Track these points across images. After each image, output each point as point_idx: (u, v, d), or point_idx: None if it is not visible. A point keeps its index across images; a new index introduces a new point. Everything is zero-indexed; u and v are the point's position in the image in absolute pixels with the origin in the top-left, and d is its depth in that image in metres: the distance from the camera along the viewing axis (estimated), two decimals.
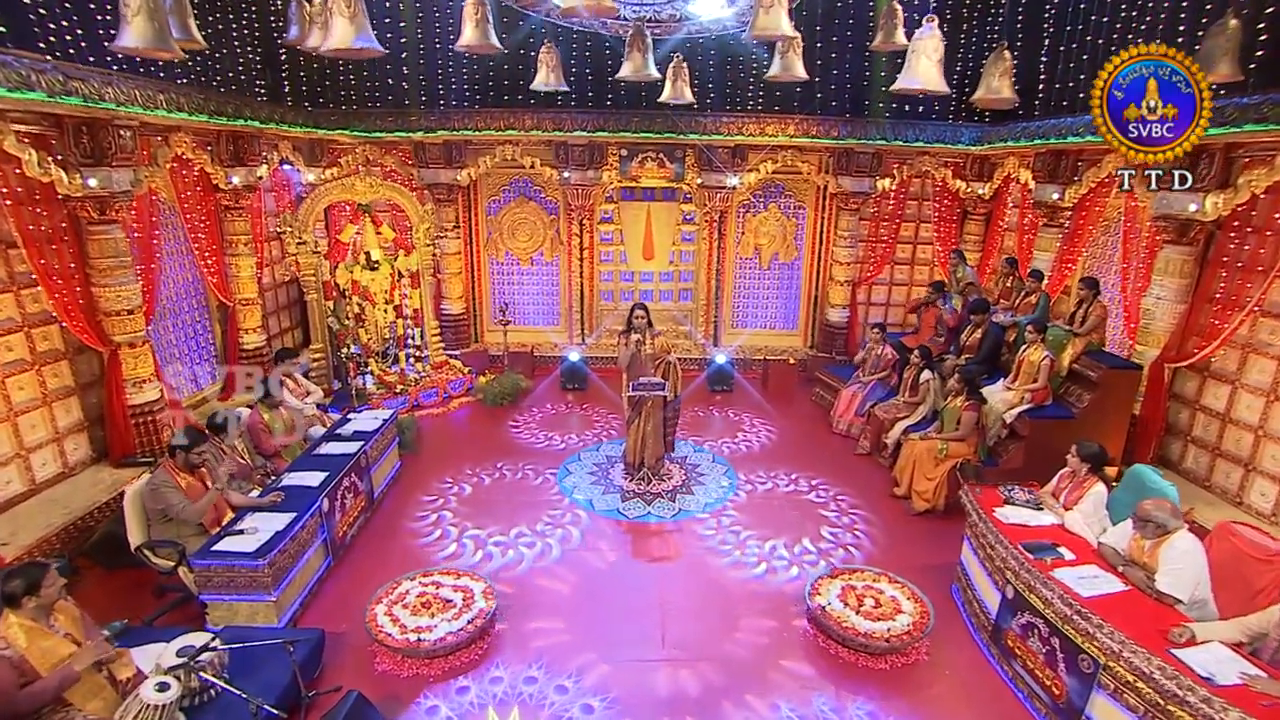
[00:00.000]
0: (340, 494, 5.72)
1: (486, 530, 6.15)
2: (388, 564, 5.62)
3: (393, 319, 9.14)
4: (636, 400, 6.84)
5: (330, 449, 6.21)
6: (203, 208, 7.61)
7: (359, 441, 6.34)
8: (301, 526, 5.06)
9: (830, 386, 9.20)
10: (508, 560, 5.73)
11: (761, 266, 10.73)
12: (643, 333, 6.80)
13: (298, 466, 5.88)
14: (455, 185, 9.92)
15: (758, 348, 10.85)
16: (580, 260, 10.54)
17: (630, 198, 10.43)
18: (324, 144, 9.55)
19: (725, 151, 9.69)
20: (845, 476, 7.27)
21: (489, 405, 8.97)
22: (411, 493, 6.82)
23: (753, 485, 7.09)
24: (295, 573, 4.95)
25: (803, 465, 7.50)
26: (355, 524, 6.03)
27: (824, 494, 6.92)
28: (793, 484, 7.14)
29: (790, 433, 8.53)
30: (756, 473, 7.33)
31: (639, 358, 6.81)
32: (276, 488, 5.44)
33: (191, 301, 7.84)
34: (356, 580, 5.40)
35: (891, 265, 10.74)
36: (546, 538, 6.07)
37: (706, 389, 9.80)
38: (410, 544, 5.98)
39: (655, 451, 7.01)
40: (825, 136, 9.43)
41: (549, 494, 6.87)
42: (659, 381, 6.60)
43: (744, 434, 8.44)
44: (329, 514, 5.48)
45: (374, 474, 6.51)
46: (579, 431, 8.35)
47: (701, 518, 6.50)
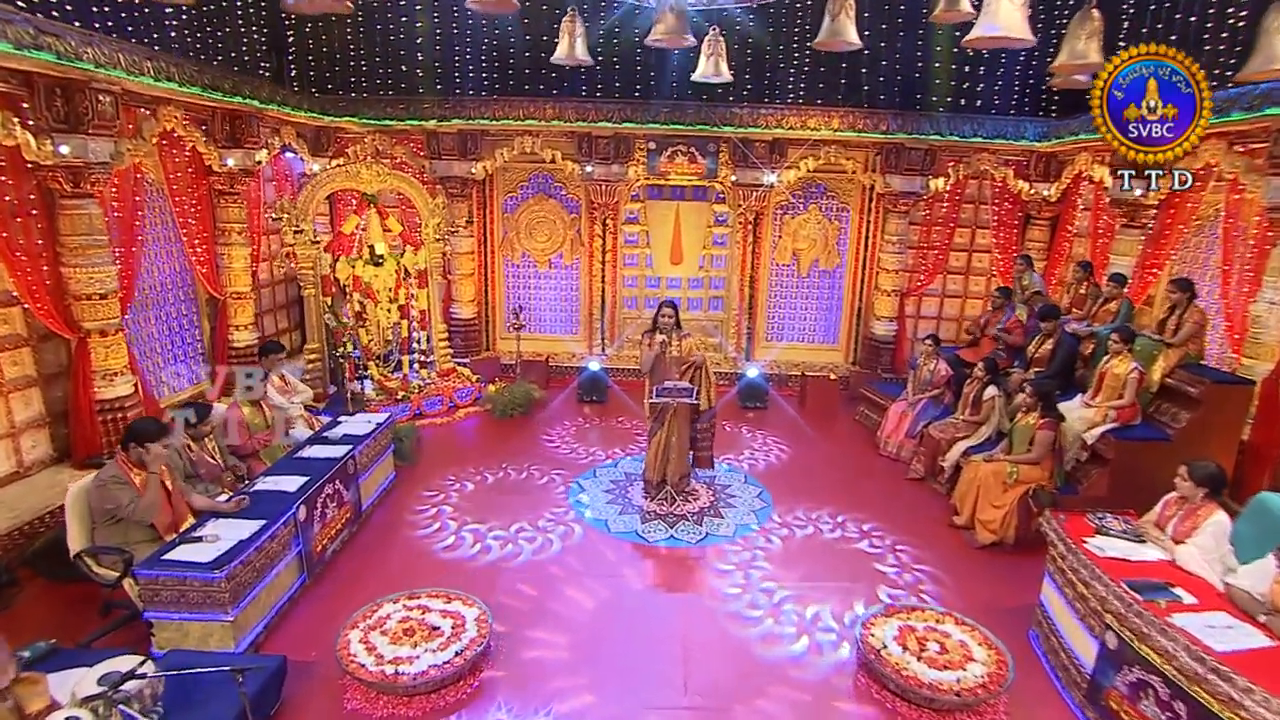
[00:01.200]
0: (321, 503, 5.23)
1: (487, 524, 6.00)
2: (373, 583, 5.11)
3: (396, 320, 8.74)
4: (660, 409, 6.31)
5: (314, 452, 5.76)
6: (194, 191, 7.30)
7: (347, 446, 5.88)
8: (270, 536, 4.56)
9: (876, 405, 8.59)
10: (505, 553, 5.64)
11: (800, 274, 10.24)
12: (669, 333, 6.28)
13: (276, 470, 5.44)
14: (470, 179, 9.60)
15: (794, 363, 10.32)
16: (602, 263, 10.14)
17: (658, 196, 10.03)
18: (330, 132, 9.28)
19: (762, 146, 9.27)
20: (896, 509, 6.57)
21: (498, 416, 8.53)
22: (406, 502, 6.42)
23: (789, 529, 6.12)
24: (260, 589, 4.44)
25: (848, 497, 6.74)
26: (338, 538, 5.54)
27: (879, 542, 5.93)
28: (839, 528, 6.17)
29: (831, 454, 7.95)
30: (795, 512, 6.40)
31: (664, 361, 6.28)
32: (247, 492, 4.97)
33: (178, 293, 7.51)
34: (335, 601, 4.90)
35: (944, 275, 10.14)
36: (548, 533, 5.94)
37: (738, 405, 9.28)
38: (404, 553, 5.53)
39: (679, 468, 6.46)
40: (873, 130, 8.94)
41: (554, 495, 6.62)
42: (686, 386, 6.06)
43: (780, 454, 7.86)
44: (305, 524, 4.99)
45: (363, 483, 6.05)
46: (596, 446, 7.86)
47: (730, 546, 5.89)
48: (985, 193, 9.70)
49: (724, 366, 10.06)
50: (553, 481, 6.92)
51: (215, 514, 4.65)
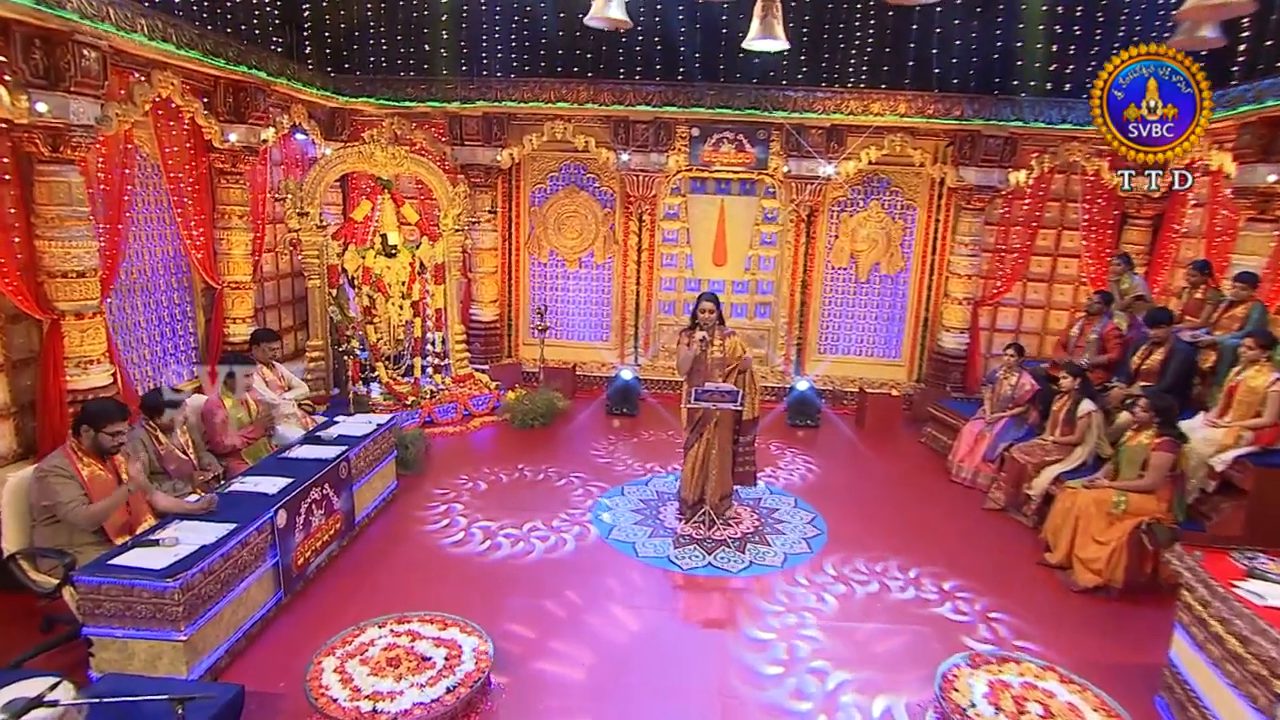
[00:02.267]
0: (305, 509, 4.81)
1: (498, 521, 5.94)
2: (362, 604, 4.66)
3: (409, 318, 8.40)
4: (698, 418, 5.80)
5: (303, 453, 5.37)
6: (192, 168, 7.06)
7: (342, 447, 5.48)
8: (240, 543, 4.14)
9: (946, 425, 7.95)
10: (516, 550, 5.56)
11: (858, 278, 9.72)
12: (710, 330, 5.79)
13: (256, 470, 5.05)
14: (494, 167, 9.31)
15: (850, 378, 9.73)
16: (637, 264, 9.75)
17: (701, 190, 9.63)
18: (345, 114, 9.08)
19: (819, 134, 8.80)
20: (975, 547, 5.91)
21: (517, 427, 8.15)
22: (407, 512, 6.08)
23: (847, 583, 5.19)
24: (224, 605, 4.00)
25: (916, 531, 6.08)
26: (325, 551, 5.10)
27: (967, 606, 4.93)
28: (911, 585, 5.19)
29: (895, 479, 7.34)
30: (853, 563, 5.49)
31: (703, 361, 5.80)
32: (219, 492, 4.57)
33: (171, 280, 7.25)
34: (315, 623, 4.46)
35: (1024, 283, 9.48)
36: (562, 532, 5.84)
37: (785, 423, 8.74)
38: (408, 553, 5.06)
39: (719, 486, 5.92)
40: (944, 116, 8.40)
41: (571, 496, 6.52)
42: (729, 389, 5.52)
43: (835, 477, 7.29)
44: (285, 532, 4.56)
45: (359, 491, 5.64)
46: (625, 463, 7.39)
47: (777, 578, 5.30)
48: (1074, 188, 9.04)
49: (771, 380, 9.54)
50: (572, 484, 6.61)
51: (181, 516, 4.25)
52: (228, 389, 5.32)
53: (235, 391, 5.35)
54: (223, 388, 5.31)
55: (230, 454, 5.26)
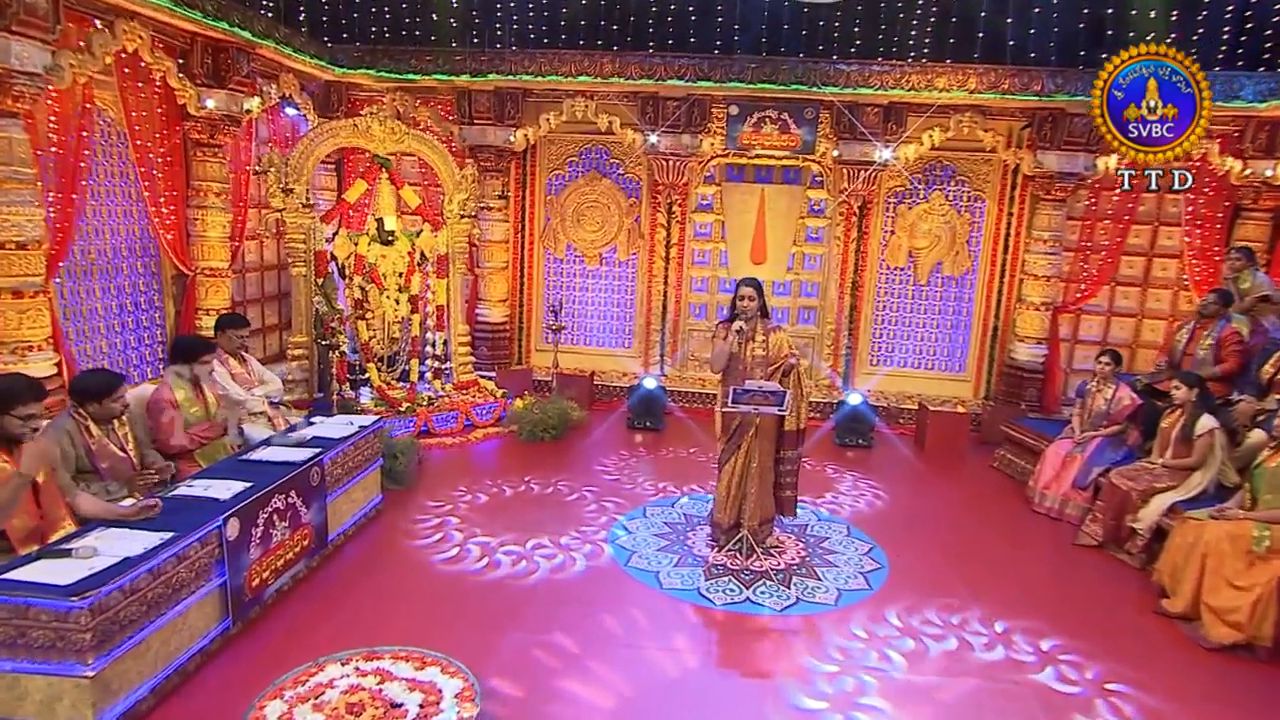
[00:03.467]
0: (264, 520, 4.30)
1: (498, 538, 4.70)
2: (328, 635, 4.13)
3: (406, 314, 7.97)
4: (736, 425, 5.24)
5: (268, 454, 4.88)
6: (163, 138, 6.69)
7: (314, 450, 4.98)
8: (176, 556, 3.62)
9: (1024, 447, 7.30)
10: (517, 570, 5.11)
11: (917, 280, 9.18)
12: (751, 322, 5.24)
13: (210, 472, 4.56)
14: (507, 150, 8.93)
15: (907, 394, 9.15)
16: (665, 261, 9.34)
17: (738, 178, 9.17)
18: (342, 88, 8.77)
19: (874, 113, 8.31)
20: (1069, 590, 5.26)
21: (524, 439, 7.66)
22: (396, 526, 5.60)
23: (917, 638, 4.47)
24: (150, 633, 3.46)
25: (996, 571, 5.43)
26: (289, 571, 4.59)
27: (1074, 671, 4.20)
28: (1000, 642, 4.45)
29: (964, 507, 6.73)
30: (923, 612, 4.76)
31: (742, 359, 5.25)
32: (161, 496, 4.07)
33: (136, 263, 6.86)
34: (267, 657, 3.93)
35: (1112, 287, 8.83)
36: (572, 551, 5.41)
37: (833, 442, 8.17)
38: (397, 566, 4.48)
39: (759, 508, 5.36)
40: (1022, 92, 7.85)
41: (584, 511, 6.08)
42: (774, 388, 4.94)
43: (894, 503, 6.68)
44: (237, 546, 4.04)
45: (334, 503, 5.14)
46: (647, 482, 6.84)
47: (830, 620, 4.67)
48: (1176, 176, 8.34)
49: (817, 394, 8.95)
50: (584, 499, 6.04)
51: (109, 523, 3.74)
52: (180, 378, 4.82)
53: (189, 382, 4.85)
54: (174, 376, 4.82)
55: (181, 455, 4.75)
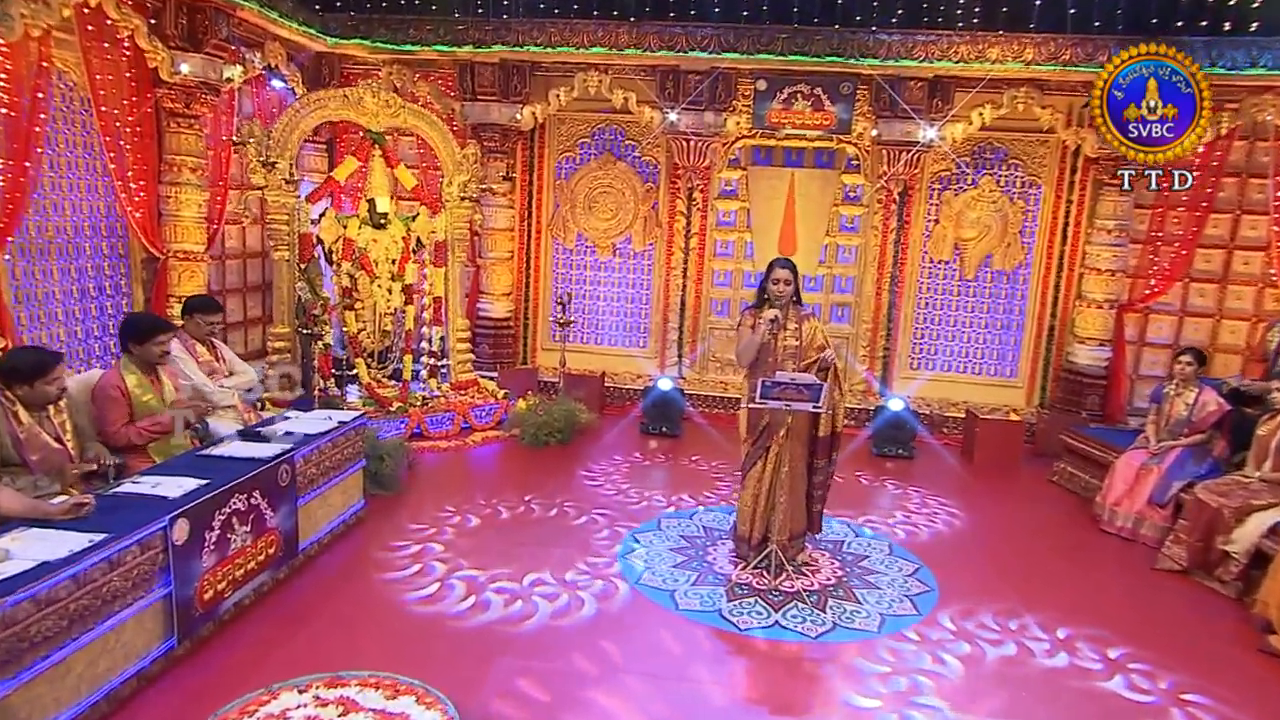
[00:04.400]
0: (222, 523, 3.95)
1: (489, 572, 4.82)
2: (289, 658, 3.78)
3: (399, 305, 7.69)
4: (764, 424, 4.89)
5: (231, 450, 4.55)
6: (133, 105, 6.43)
7: (285, 446, 4.64)
8: (107, 561, 3.27)
9: (1089, 459, 6.87)
10: (511, 612, 4.43)
11: (964, 275, 8.84)
12: (785, 309, 4.89)
13: (163, 469, 4.23)
14: (513, 129, 8.70)
15: (951, 400, 8.77)
16: (685, 252, 9.07)
17: (766, 161, 8.86)
18: (334, 60, 8.55)
19: (918, 88, 8.02)
20: (1154, 620, 4.81)
21: (527, 444, 7.36)
22: (374, 540, 5.21)
23: (972, 642, 4.35)
24: (72, 651, 3.10)
25: (1062, 593, 5.04)
26: (251, 583, 4.24)
27: (1144, 679, 4.06)
28: (1062, 648, 4.33)
29: (1022, 527, 6.30)
30: (979, 615, 4.63)
31: (772, 350, 4.89)
32: (101, 493, 3.73)
33: (101, 244, 6.60)
34: (217, 682, 3.59)
35: (1186, 283, 8.39)
36: (579, 589, 4.73)
37: (870, 451, 7.80)
38: (357, 601, 4.16)
39: (790, 521, 4.99)
40: (1085, 63, 7.47)
41: (593, 539, 5.48)
42: (809, 381, 4.55)
43: (943, 520, 6.26)
44: (186, 552, 3.69)
45: (306, 507, 4.80)
46: (662, 491, 6.48)
47: (874, 647, 4.25)
48: (1261, 159, 7.92)
49: (851, 400, 8.56)
50: (594, 523, 5.62)
51: (33, 521, 3.39)
52: (133, 362, 4.50)
53: (144, 367, 4.52)
54: (126, 359, 4.50)
55: (131, 449, 4.42)
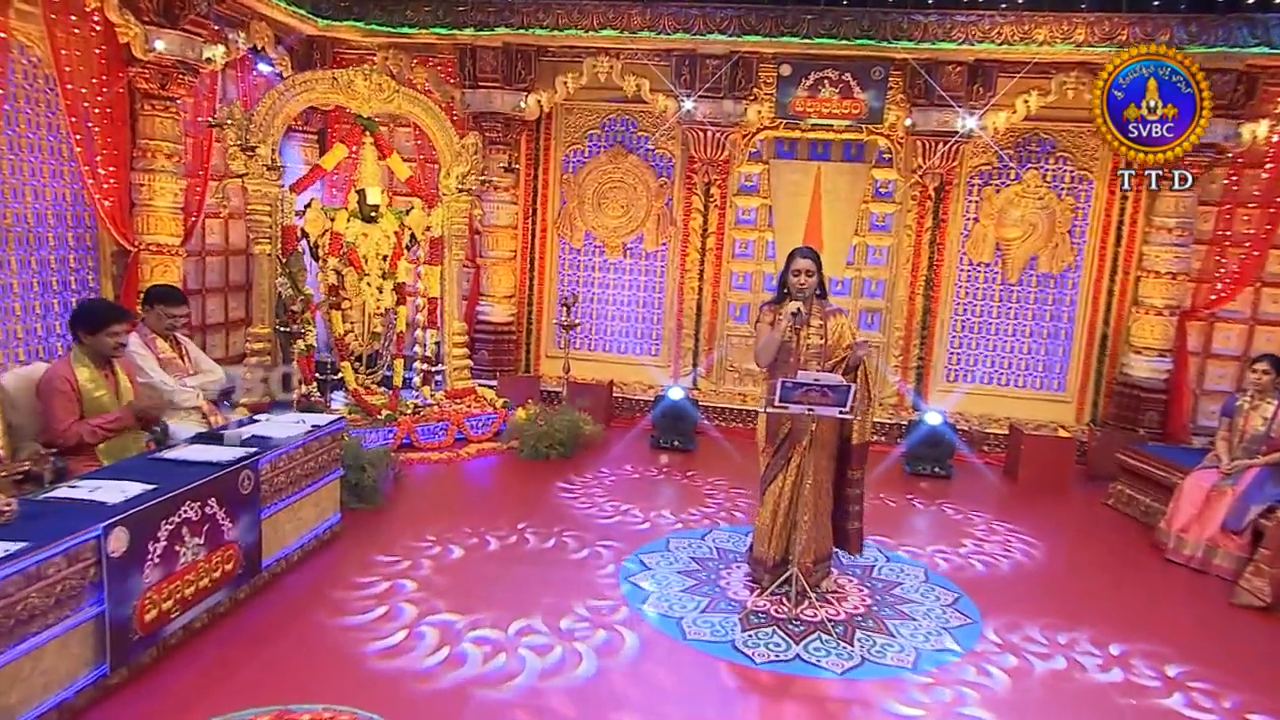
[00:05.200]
0: (169, 533, 3.67)
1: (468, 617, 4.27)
2: (241, 687, 3.52)
3: (390, 305, 7.47)
4: (785, 430, 4.62)
5: (187, 453, 4.27)
6: (102, 84, 6.20)
7: (249, 450, 4.37)
8: (23, 574, 2.99)
9: (1150, 480, 6.51)
10: (489, 669, 3.86)
11: (1006, 278, 8.53)
12: (808, 303, 4.62)
13: (109, 472, 3.96)
14: (517, 118, 8.49)
15: (993, 415, 8.46)
16: (701, 252, 8.84)
17: (789, 154, 8.63)
18: (326, 44, 8.38)
19: (957, 73, 7.74)
20: (1234, 658, 4.44)
21: (526, 457, 7.10)
22: (345, 566, 4.84)
23: (1020, 655, 4.25)
24: None
25: (1126, 629, 4.68)
26: (202, 602, 3.96)
27: (1207, 699, 3.95)
28: (1116, 664, 4.23)
29: (1075, 554, 5.96)
30: (1024, 628, 4.53)
31: (794, 349, 4.63)
32: (30, 499, 3.46)
33: (67, 235, 6.38)
34: (157, 714, 3.33)
35: (1257, 288, 8.02)
36: (575, 639, 4.16)
37: (904, 470, 7.49)
38: (307, 649, 3.87)
39: (815, 541, 4.68)
40: (1145, 44, 7.10)
41: (596, 577, 4.87)
42: (835, 381, 4.25)
43: (983, 545, 5.90)
44: (123, 567, 3.41)
45: (271, 519, 4.53)
46: (672, 509, 6.18)
47: (907, 685, 3.90)
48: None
49: (882, 414, 8.33)
50: (598, 556, 5.18)
51: None
52: (85, 354, 4.24)
53: (97, 359, 4.27)
54: (78, 350, 4.24)
55: (79, 450, 4.16)
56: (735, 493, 6.50)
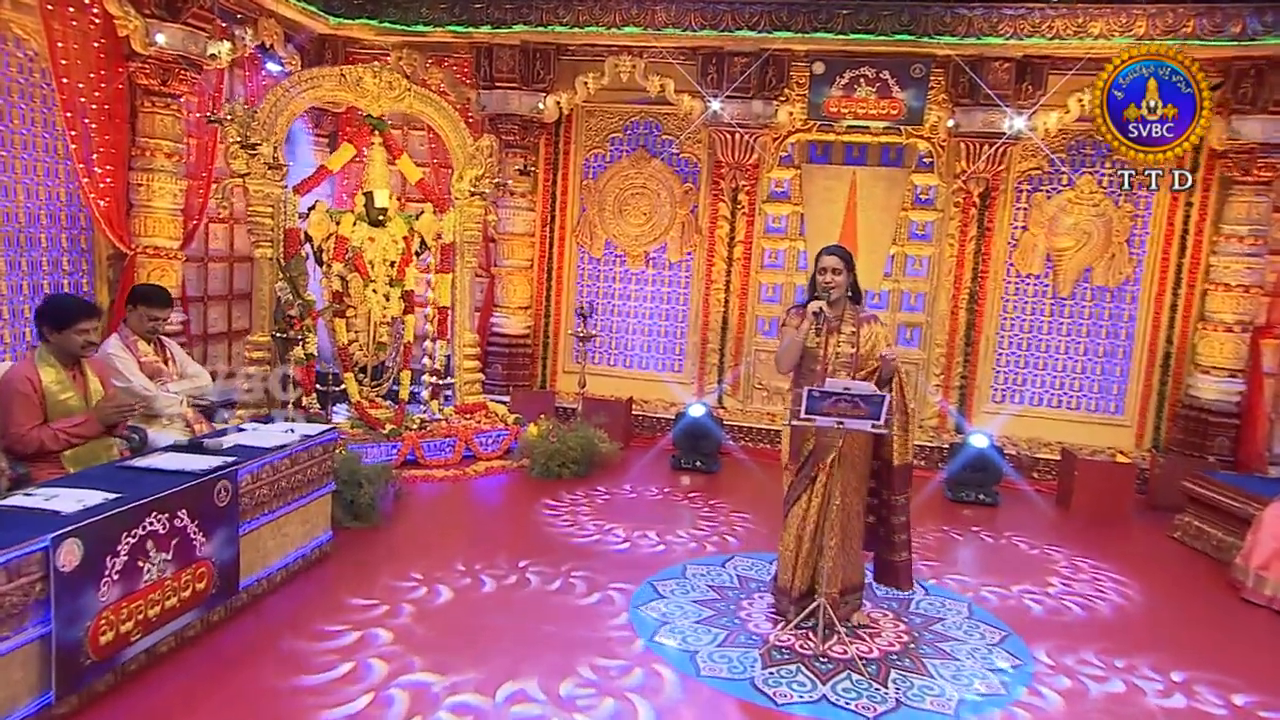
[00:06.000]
0: (129, 547, 3.45)
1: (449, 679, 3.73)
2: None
3: (397, 314, 7.33)
4: (809, 450, 4.35)
5: (159, 461, 4.09)
6: (100, 78, 6.13)
7: (228, 459, 4.18)
8: None
9: (1223, 511, 6.12)
10: None
11: (1058, 291, 8.22)
12: (839, 306, 4.40)
13: (71, 480, 3.76)
14: (535, 120, 8.38)
15: (1042, 440, 8.12)
16: (728, 262, 8.68)
17: (823, 159, 8.45)
18: (338, 43, 8.34)
19: (1004, 70, 7.46)
20: None
21: (537, 476, 6.91)
22: (327, 598, 4.57)
23: (1074, 677, 4.09)
24: None
25: (1188, 656, 4.42)
26: (169, 624, 3.74)
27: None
28: (1179, 690, 4.04)
29: (1140, 592, 5.52)
30: (1079, 652, 4.36)
31: (820, 355, 4.37)
32: None
33: (60, 236, 6.31)
34: None
35: None
36: (577, 708, 3.61)
37: (944, 495, 7.18)
38: None
39: (842, 569, 4.41)
40: (1214, 37, 6.86)
41: (607, 627, 4.39)
42: (867, 390, 3.97)
43: (1033, 578, 5.54)
44: (76, 583, 3.19)
45: (252, 536, 4.32)
46: (690, 532, 5.93)
47: None
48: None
49: (922, 436, 8.03)
50: (609, 602, 4.70)
51: None
52: (51, 353, 4.07)
53: (64, 359, 4.10)
54: (43, 349, 4.08)
55: (43, 457, 3.98)
56: (759, 518, 6.18)
